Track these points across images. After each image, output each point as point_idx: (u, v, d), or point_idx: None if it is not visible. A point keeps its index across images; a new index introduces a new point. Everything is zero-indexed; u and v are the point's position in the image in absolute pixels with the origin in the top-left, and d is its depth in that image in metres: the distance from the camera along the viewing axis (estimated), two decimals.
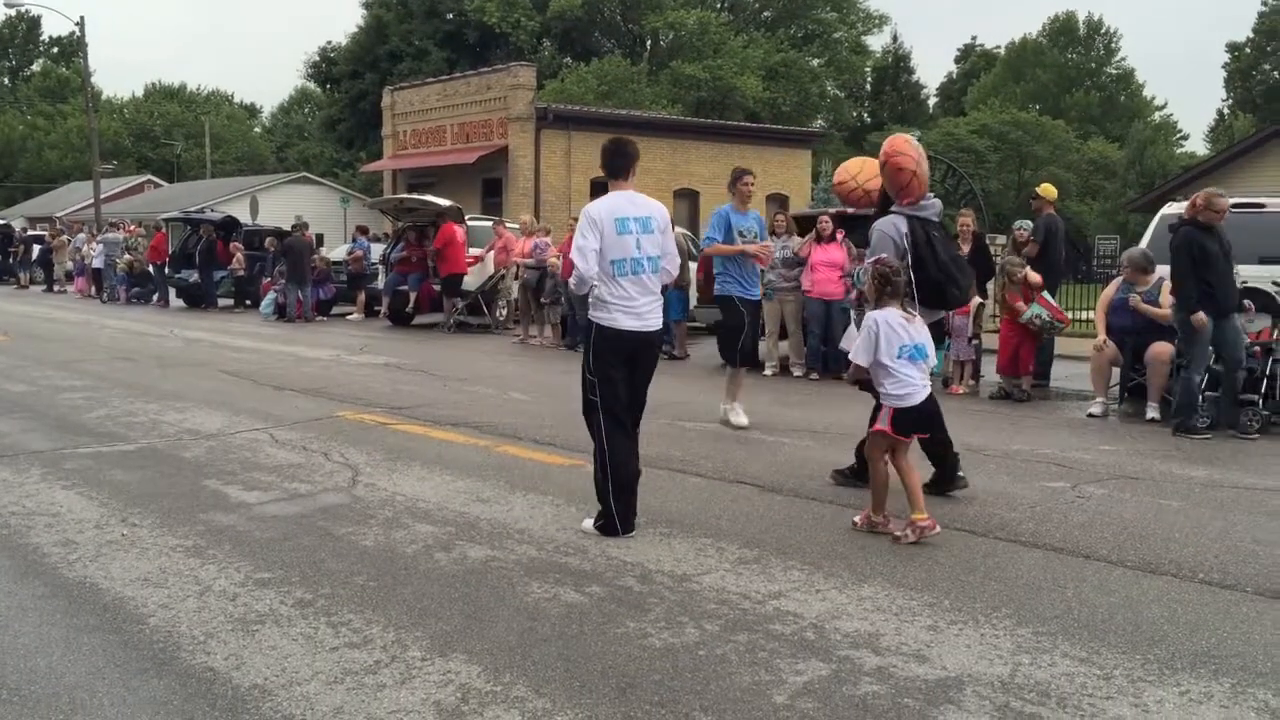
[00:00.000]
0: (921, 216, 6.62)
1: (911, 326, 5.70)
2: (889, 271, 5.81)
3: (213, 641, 4.07)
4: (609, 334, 5.58)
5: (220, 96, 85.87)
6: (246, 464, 7.22)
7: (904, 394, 5.62)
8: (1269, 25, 59.70)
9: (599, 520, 5.59)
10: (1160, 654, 4.03)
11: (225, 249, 23.95)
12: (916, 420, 5.71)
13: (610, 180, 5.72)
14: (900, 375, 5.61)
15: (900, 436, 5.68)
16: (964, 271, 6.79)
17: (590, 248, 5.50)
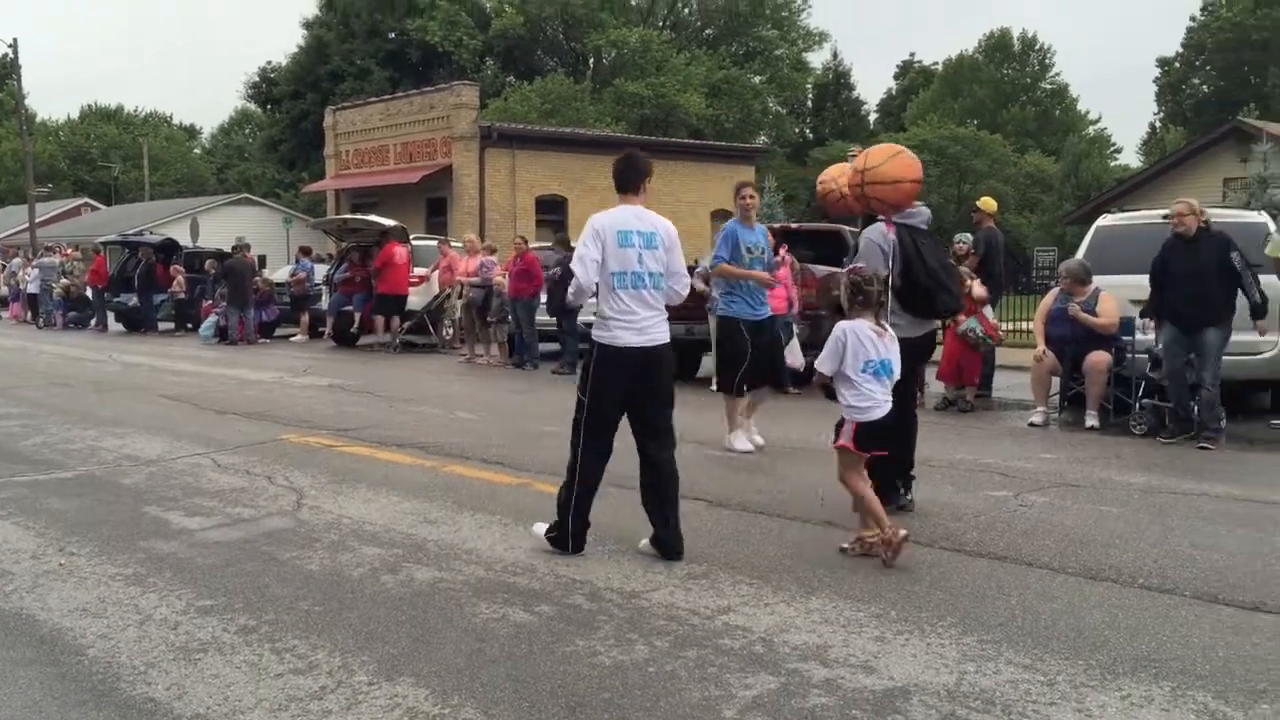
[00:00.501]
0: (909, 224, 6.55)
1: (881, 341, 5.56)
2: (861, 280, 5.66)
3: (154, 671, 3.99)
4: (610, 353, 5.47)
5: (158, 118, 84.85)
6: (188, 489, 7.11)
7: (865, 407, 5.51)
8: (1197, 40, 61.19)
9: (551, 531, 5.56)
10: (1102, 659, 4.09)
11: (165, 272, 23.63)
12: (878, 435, 5.58)
13: (620, 195, 5.59)
14: (863, 389, 5.50)
15: (863, 452, 5.55)
16: (954, 278, 6.72)
17: (591, 257, 5.41)
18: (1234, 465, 8.19)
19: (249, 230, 34.02)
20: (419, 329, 19.42)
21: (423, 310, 19.20)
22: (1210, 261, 8.76)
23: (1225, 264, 8.71)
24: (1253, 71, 58.85)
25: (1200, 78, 62.64)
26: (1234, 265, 8.71)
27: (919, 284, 6.42)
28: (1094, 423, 9.71)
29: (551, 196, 31.23)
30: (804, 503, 6.71)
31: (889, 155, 6.57)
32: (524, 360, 15.70)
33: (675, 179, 33.52)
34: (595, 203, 31.62)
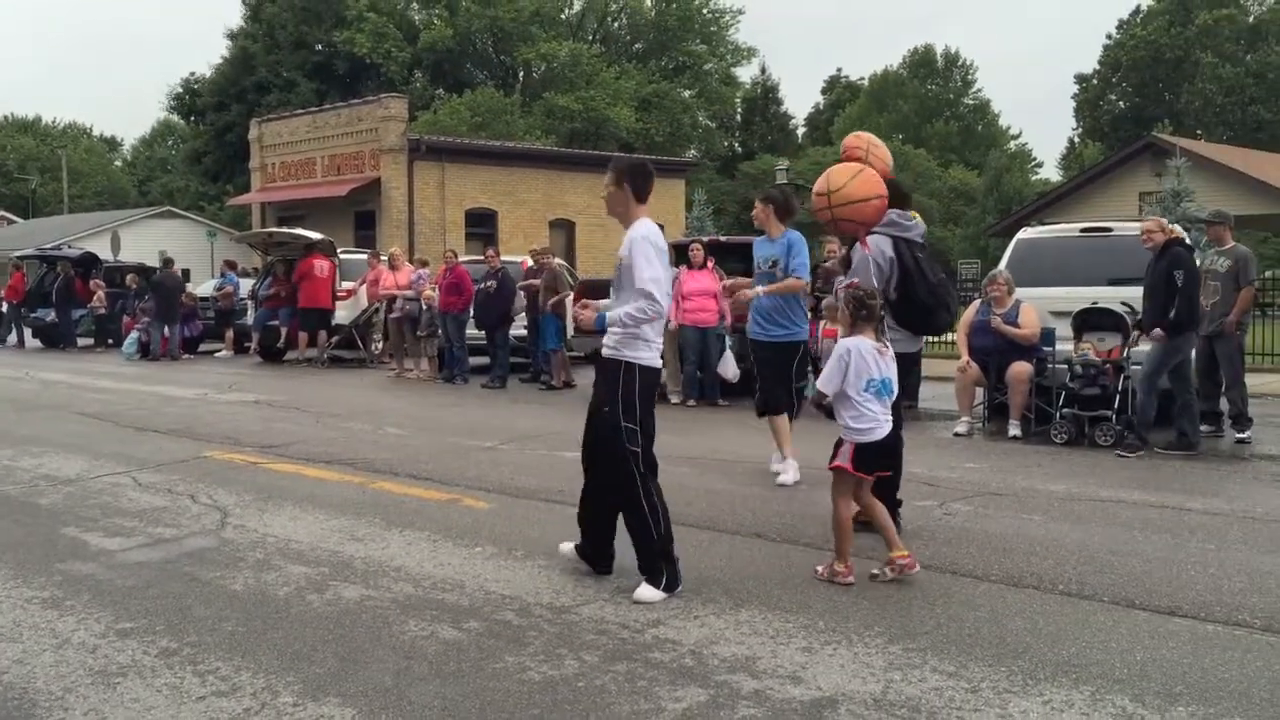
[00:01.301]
0: (906, 238, 6.39)
1: (882, 359, 5.40)
2: (864, 295, 5.48)
3: (71, 696, 3.90)
4: (651, 373, 5.17)
5: (78, 129, 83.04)
6: (108, 509, 6.95)
7: (866, 428, 5.32)
8: (1114, 58, 62.85)
9: (663, 581, 5.04)
10: (1024, 665, 4.16)
11: (84, 286, 23.12)
12: (879, 456, 5.42)
13: (639, 204, 5.21)
14: (864, 409, 5.32)
15: (862, 474, 5.38)
16: (952, 295, 6.50)
17: (665, 278, 5.14)
18: (1150, 473, 8.39)
19: (172, 244, 33.48)
20: (347, 343, 19.22)
21: (350, 324, 19.00)
22: (1160, 276, 9.07)
23: (1170, 279, 9.00)
24: (1167, 89, 60.60)
25: (1117, 94, 64.34)
26: (1173, 279, 8.99)
27: (917, 299, 6.25)
28: (1016, 432, 9.90)
29: (481, 210, 31.11)
30: (734, 516, 6.75)
31: (852, 174, 6.17)
32: (454, 374, 15.61)
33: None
34: (525, 216, 31.66)
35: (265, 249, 21.20)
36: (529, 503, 7.15)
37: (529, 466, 8.49)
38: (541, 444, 9.60)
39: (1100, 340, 9.82)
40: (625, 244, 5.11)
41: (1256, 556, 5.80)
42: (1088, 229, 11.50)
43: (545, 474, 8.14)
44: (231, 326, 21.13)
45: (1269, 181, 32.34)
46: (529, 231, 29.95)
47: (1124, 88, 63.58)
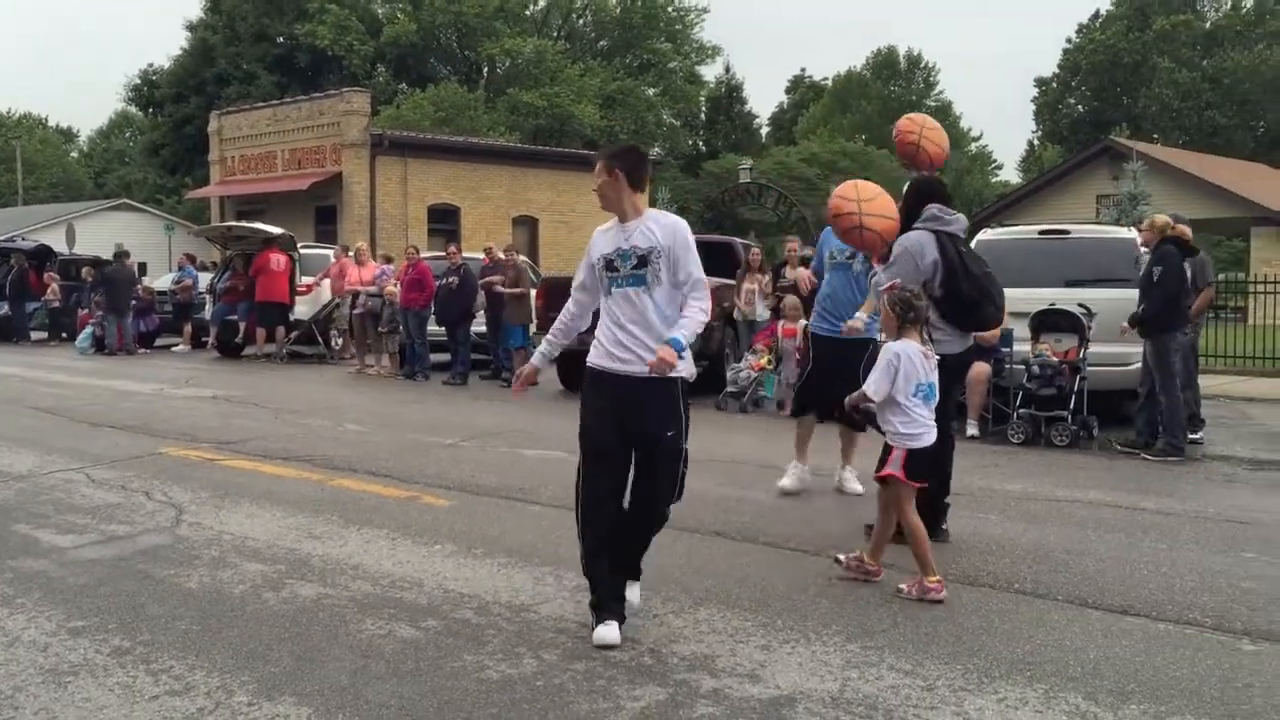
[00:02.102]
0: (949, 231, 6.18)
1: (929, 363, 5.21)
2: (910, 296, 5.25)
3: (21, 696, 3.84)
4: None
5: (33, 120, 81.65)
6: (60, 506, 6.85)
7: (915, 434, 5.14)
8: (1073, 62, 63.52)
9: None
10: (979, 663, 4.20)
11: (38, 279, 22.77)
12: (927, 464, 5.24)
13: (637, 191, 4.64)
14: (913, 414, 5.13)
15: (914, 482, 5.17)
16: (997, 288, 6.26)
17: None
18: (1105, 472, 8.50)
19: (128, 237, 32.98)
20: (307, 339, 19.05)
21: (310, 320, 18.83)
22: (1146, 274, 9.21)
23: (1149, 276, 9.13)
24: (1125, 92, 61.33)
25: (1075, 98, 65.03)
26: (1151, 277, 9.10)
27: (963, 295, 6.03)
28: (974, 432, 9.98)
29: (444, 205, 30.96)
30: (694, 515, 6.75)
31: (879, 191, 6.27)
32: (415, 371, 15.53)
33: (569, 190, 33.55)
34: (488, 212, 31.55)
35: (224, 243, 20.98)
36: (489, 500, 7.13)
37: (490, 464, 8.46)
38: (503, 441, 9.57)
39: (1057, 341, 9.92)
40: (656, 233, 4.51)
41: (1208, 556, 5.89)
42: (1046, 231, 11.62)
43: (506, 472, 8.12)
44: (190, 321, 20.89)
45: (1224, 185, 32.83)
46: (492, 228, 29.85)
47: (1083, 91, 64.28)
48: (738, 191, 30.33)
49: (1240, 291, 20.66)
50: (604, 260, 4.61)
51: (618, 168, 4.62)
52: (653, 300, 4.52)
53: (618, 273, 4.56)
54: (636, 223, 4.58)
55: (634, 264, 4.52)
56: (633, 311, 4.53)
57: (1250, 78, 56.30)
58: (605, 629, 4.41)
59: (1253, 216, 32.25)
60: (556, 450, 9.08)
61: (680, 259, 4.52)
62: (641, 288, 4.53)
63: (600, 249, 4.66)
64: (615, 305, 4.58)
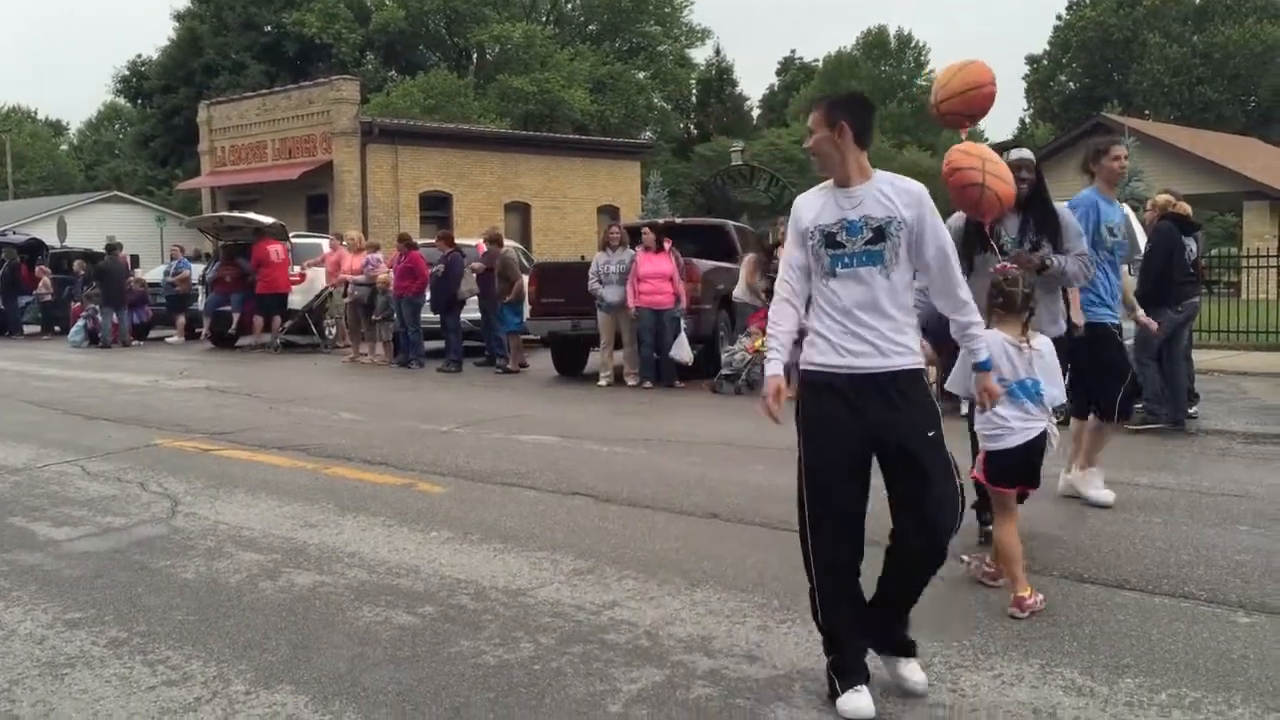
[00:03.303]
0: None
1: (1021, 357, 4.66)
2: (1001, 280, 4.75)
3: (17, 689, 3.84)
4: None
5: (21, 113, 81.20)
6: (55, 498, 6.84)
7: (993, 434, 4.72)
8: (1064, 39, 63.38)
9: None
10: (975, 640, 4.21)
11: (30, 273, 22.71)
12: (1012, 468, 4.72)
13: (862, 150, 3.77)
14: (991, 415, 4.64)
15: (996, 485, 4.74)
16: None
17: None
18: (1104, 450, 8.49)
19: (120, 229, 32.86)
20: (301, 328, 19.02)
21: (304, 309, 18.81)
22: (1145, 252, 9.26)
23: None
24: (1116, 69, 61.22)
25: (1067, 75, 64.91)
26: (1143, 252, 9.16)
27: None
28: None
29: (436, 193, 30.87)
30: (689, 497, 6.76)
31: (957, 69, 5.68)
32: (409, 359, 15.51)
33: (560, 175, 33.47)
34: (480, 198, 31.47)
35: (216, 234, 20.91)
36: (485, 486, 7.13)
37: (485, 450, 8.45)
38: (497, 427, 9.57)
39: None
40: (894, 200, 3.70)
41: (1202, 530, 5.90)
42: None
43: (501, 457, 8.12)
44: (184, 312, 20.86)
45: (1216, 160, 32.81)
46: (484, 214, 29.77)
47: (1074, 68, 64.15)
48: (729, 174, 30.27)
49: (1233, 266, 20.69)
50: (822, 234, 3.74)
51: (842, 120, 3.73)
52: (889, 283, 3.69)
53: (843, 249, 3.71)
54: (865, 187, 3.74)
55: (868, 238, 3.68)
56: (864, 295, 3.69)
57: (1241, 52, 56.22)
58: (855, 697, 3.58)
59: (1244, 191, 32.25)
60: (551, 435, 9.10)
61: (926, 234, 3.71)
62: (877, 267, 3.68)
63: (814, 219, 3.79)
64: (840, 288, 3.72)
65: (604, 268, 12.89)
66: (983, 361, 3.99)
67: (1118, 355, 6.57)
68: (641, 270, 12.62)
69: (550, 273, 14.71)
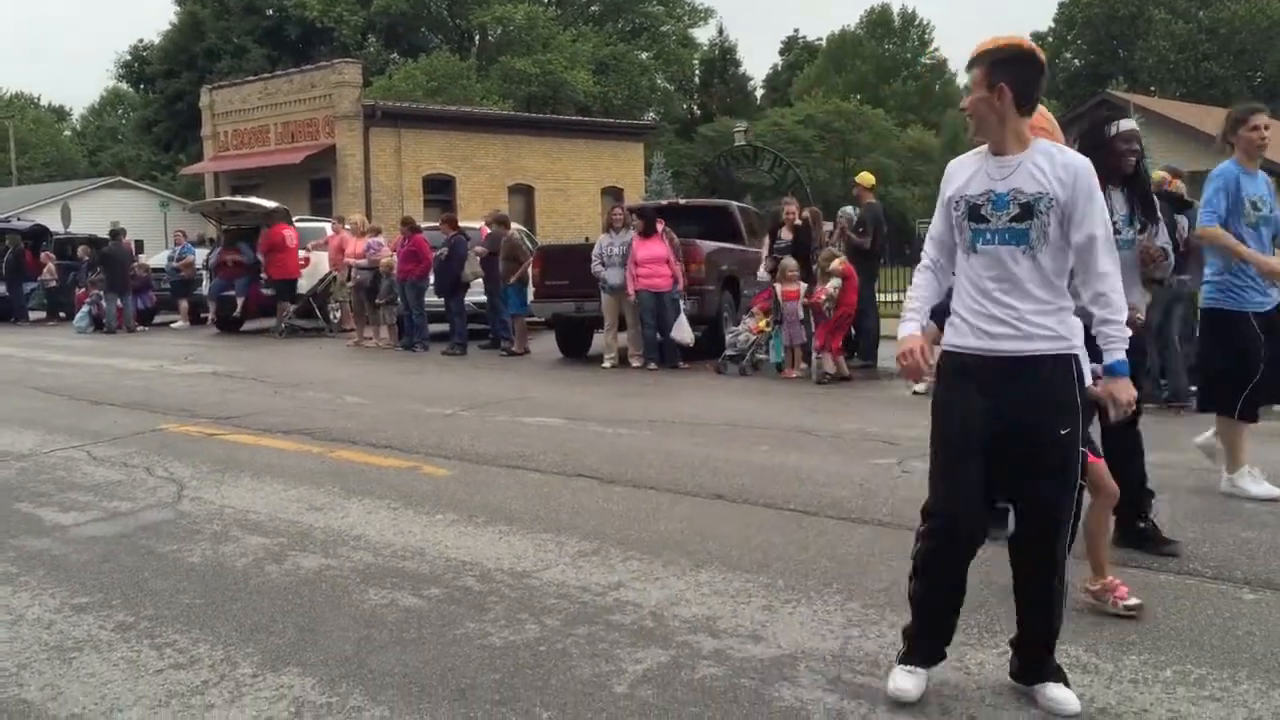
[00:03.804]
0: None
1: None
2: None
3: (26, 673, 3.86)
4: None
5: (25, 99, 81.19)
6: (62, 484, 6.86)
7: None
8: (1068, 15, 63.08)
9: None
10: (980, 618, 4.21)
11: (35, 259, 22.72)
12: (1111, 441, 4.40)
13: (1023, 116, 3.42)
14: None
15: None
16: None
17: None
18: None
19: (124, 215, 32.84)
20: (305, 312, 19.03)
21: (308, 293, 18.81)
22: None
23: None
24: (1121, 45, 60.92)
25: (1072, 52, 64.62)
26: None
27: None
28: None
29: (439, 176, 30.84)
30: (694, 478, 6.77)
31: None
32: (413, 342, 15.52)
33: (564, 157, 33.41)
34: (484, 181, 31.42)
35: (219, 218, 20.90)
36: (490, 469, 7.14)
37: (490, 433, 8.46)
38: (502, 410, 9.58)
39: None
40: (1047, 174, 3.36)
41: (1208, 506, 5.90)
42: None
43: (506, 440, 8.13)
44: (188, 297, 20.88)
45: None
46: (488, 197, 29.73)
47: (1079, 45, 63.86)
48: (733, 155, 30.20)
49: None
50: (967, 205, 3.46)
51: (1003, 81, 3.37)
52: (1034, 264, 3.38)
53: (986, 223, 3.43)
54: (1019, 157, 3.40)
55: (1013, 214, 3.38)
56: (1006, 275, 3.40)
57: (1247, 28, 55.92)
58: (905, 677, 3.52)
59: None
60: (555, 417, 9.10)
61: (1079, 214, 3.35)
62: (1022, 246, 3.38)
63: (961, 187, 3.51)
64: (979, 265, 3.46)
65: (607, 249, 12.88)
66: (1116, 363, 3.46)
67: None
68: (638, 255, 12.60)
69: (554, 255, 14.70)
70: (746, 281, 14.47)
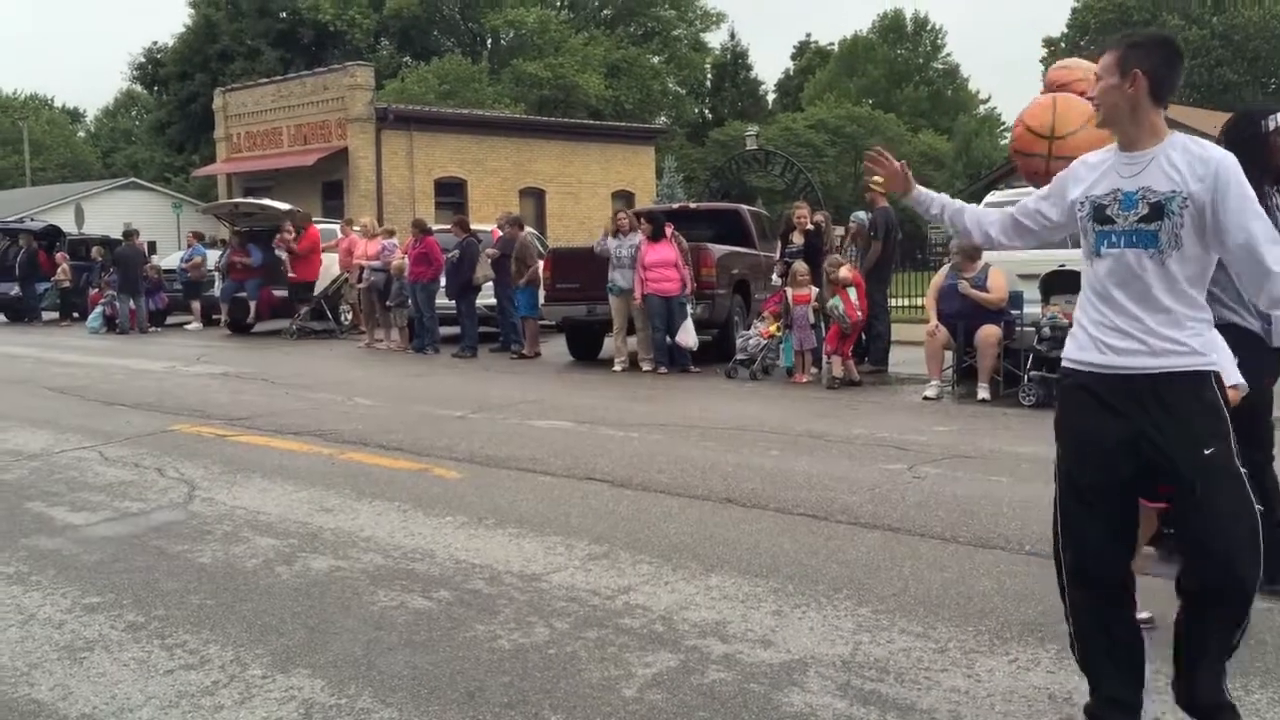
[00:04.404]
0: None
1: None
2: None
3: (37, 672, 3.87)
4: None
5: (39, 101, 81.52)
6: (74, 484, 6.89)
7: None
8: (1081, 21, 62.89)
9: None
10: (991, 625, 4.20)
11: (49, 260, 22.83)
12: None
13: (1159, 108, 3.09)
14: None
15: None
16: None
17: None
18: None
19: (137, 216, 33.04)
20: (317, 314, 19.07)
21: (319, 295, 18.86)
22: None
23: None
24: None
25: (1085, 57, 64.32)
26: None
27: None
28: (985, 395, 9.96)
29: (450, 179, 30.90)
30: (704, 482, 6.76)
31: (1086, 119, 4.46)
32: (424, 344, 15.54)
33: (575, 160, 33.46)
34: (495, 184, 31.48)
35: (231, 220, 20.97)
36: (500, 471, 7.14)
37: (500, 435, 8.47)
38: (513, 413, 9.58)
39: (1068, 302, 9.84)
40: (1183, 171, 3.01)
41: None
42: None
43: (516, 443, 8.13)
44: (199, 299, 20.95)
45: None
46: (499, 200, 29.79)
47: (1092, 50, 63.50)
48: (744, 159, 30.20)
49: None
50: (1092, 205, 3.13)
51: (1139, 68, 3.05)
52: (1164, 270, 3.03)
53: (1112, 225, 3.08)
54: (1152, 152, 3.06)
55: (1142, 214, 3.03)
56: (1131, 281, 3.06)
57: (1261, 34, 55.70)
58: None
59: None
60: (565, 421, 9.11)
61: (1228, 213, 2.96)
62: (1150, 250, 3.02)
63: (1087, 186, 3.17)
64: (1103, 271, 3.11)
65: (616, 252, 12.88)
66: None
67: None
68: (646, 259, 12.59)
69: (565, 258, 14.71)
70: (757, 286, 14.47)
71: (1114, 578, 3.15)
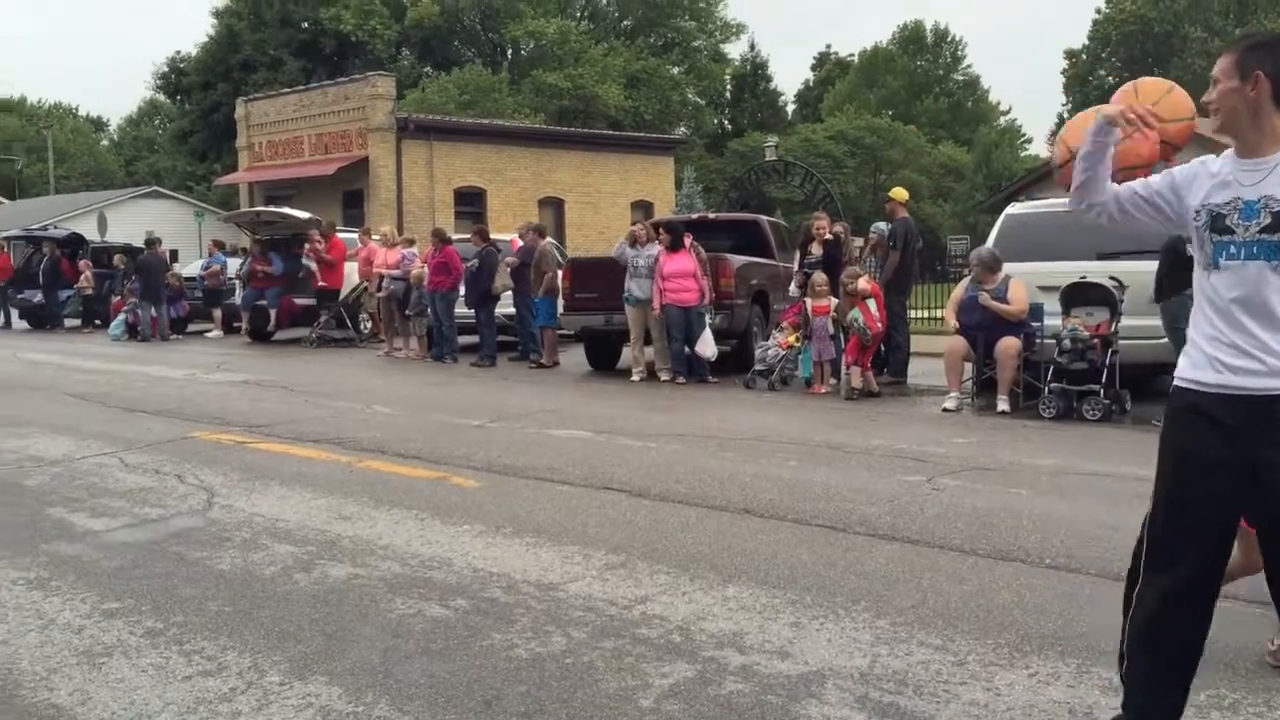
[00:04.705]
0: None
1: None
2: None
3: (56, 677, 3.88)
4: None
5: (64, 109, 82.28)
6: (94, 490, 6.93)
7: None
8: (1103, 33, 62.71)
9: None
10: (1010, 638, 4.17)
11: (72, 267, 23.01)
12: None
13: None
14: None
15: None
16: None
17: None
18: (1139, 446, 8.39)
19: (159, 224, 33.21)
20: (336, 323, 19.16)
21: (339, 303, 18.94)
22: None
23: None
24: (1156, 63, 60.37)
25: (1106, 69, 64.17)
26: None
27: None
28: (1005, 407, 9.91)
29: (470, 188, 31.01)
30: (722, 493, 6.75)
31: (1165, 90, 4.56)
32: (443, 353, 15.58)
33: (595, 170, 33.53)
34: (515, 194, 31.57)
35: (253, 229, 21.10)
36: (518, 480, 7.15)
37: (518, 445, 8.47)
38: (531, 422, 9.59)
39: (1089, 315, 9.82)
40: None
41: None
42: None
43: (534, 452, 8.13)
44: (220, 306, 21.07)
45: None
46: (518, 210, 29.87)
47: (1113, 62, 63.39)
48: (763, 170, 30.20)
49: None
50: (1209, 214, 2.97)
51: (1261, 69, 2.89)
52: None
53: (1231, 235, 2.92)
54: (1275, 159, 2.91)
55: (1264, 224, 2.87)
56: (1250, 295, 2.89)
57: None
58: None
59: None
60: (584, 430, 9.11)
61: None
62: (1274, 262, 2.86)
63: (1203, 194, 3.01)
64: (1221, 284, 2.94)
65: (633, 262, 12.89)
66: None
67: None
68: (665, 270, 12.58)
69: (584, 268, 14.72)
70: (776, 296, 14.45)
71: (1199, 612, 3.08)
